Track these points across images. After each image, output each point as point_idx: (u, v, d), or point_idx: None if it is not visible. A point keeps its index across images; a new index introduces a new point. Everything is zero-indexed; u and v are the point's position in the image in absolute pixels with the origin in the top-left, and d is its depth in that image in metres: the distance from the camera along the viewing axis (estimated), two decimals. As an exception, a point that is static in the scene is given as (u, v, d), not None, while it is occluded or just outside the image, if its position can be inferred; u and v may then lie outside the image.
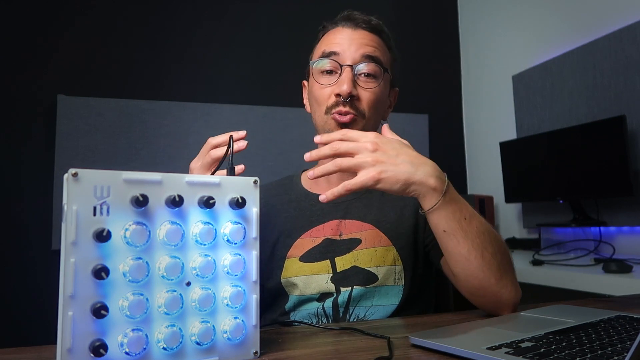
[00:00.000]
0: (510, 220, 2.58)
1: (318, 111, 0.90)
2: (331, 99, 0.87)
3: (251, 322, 0.54)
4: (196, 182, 0.53)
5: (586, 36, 2.11)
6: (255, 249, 0.56)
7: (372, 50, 0.87)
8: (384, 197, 0.93)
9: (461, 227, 0.68)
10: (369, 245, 0.88)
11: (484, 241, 0.70)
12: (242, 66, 2.50)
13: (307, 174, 0.65)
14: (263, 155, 2.41)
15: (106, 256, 0.47)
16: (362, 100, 0.86)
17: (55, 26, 2.24)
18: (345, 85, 0.84)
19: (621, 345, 0.53)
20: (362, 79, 0.87)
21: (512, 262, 0.76)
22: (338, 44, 0.87)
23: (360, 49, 0.86)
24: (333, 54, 0.87)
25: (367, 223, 0.90)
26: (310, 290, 0.85)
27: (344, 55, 0.86)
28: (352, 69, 0.85)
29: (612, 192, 1.84)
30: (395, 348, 0.57)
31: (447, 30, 3.00)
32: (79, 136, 2.16)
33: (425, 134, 2.73)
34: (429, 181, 0.66)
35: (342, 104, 0.85)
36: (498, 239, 0.73)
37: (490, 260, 0.70)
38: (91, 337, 0.46)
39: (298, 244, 0.89)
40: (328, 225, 0.90)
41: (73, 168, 0.47)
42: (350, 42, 0.87)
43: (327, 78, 0.88)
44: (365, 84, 0.86)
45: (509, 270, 0.74)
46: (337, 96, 0.85)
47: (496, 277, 0.71)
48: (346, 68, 0.85)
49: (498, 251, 0.72)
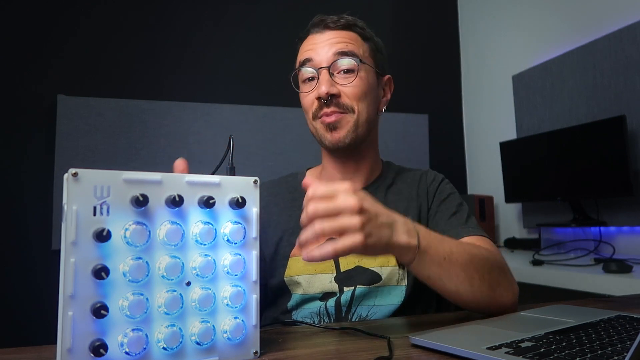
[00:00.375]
0: (510, 220, 2.58)
1: (308, 118, 0.92)
2: (315, 104, 0.88)
3: (251, 322, 0.54)
4: (196, 182, 0.53)
5: (586, 36, 2.11)
6: (255, 249, 0.56)
7: (344, 46, 0.88)
8: (387, 197, 0.94)
9: (443, 269, 0.66)
10: None
11: (469, 270, 0.69)
12: (242, 66, 2.50)
13: (302, 257, 0.58)
14: (263, 155, 2.42)
15: (106, 256, 0.47)
16: (345, 95, 0.87)
17: (56, 26, 2.24)
18: (322, 87, 0.85)
19: (621, 345, 0.53)
20: (340, 76, 0.87)
21: (503, 266, 0.76)
22: (310, 50, 0.89)
23: (331, 48, 0.87)
24: (307, 60, 0.89)
25: None
26: (314, 289, 0.85)
27: (318, 59, 0.88)
28: (328, 70, 0.87)
29: (612, 192, 1.84)
30: (395, 348, 0.57)
31: (447, 30, 3.00)
32: (79, 136, 2.16)
33: (425, 134, 2.73)
34: (404, 239, 0.62)
35: (325, 104, 0.86)
36: (483, 258, 0.72)
37: (480, 285, 0.69)
38: (91, 337, 0.46)
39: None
40: None
41: (73, 168, 0.47)
42: (322, 44, 0.88)
43: (308, 85, 0.90)
44: (344, 79, 0.87)
45: (502, 279, 0.74)
46: (319, 99, 0.87)
47: (490, 295, 0.71)
48: (322, 70, 0.87)
49: (486, 270, 0.71)
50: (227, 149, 0.74)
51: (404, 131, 2.64)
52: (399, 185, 0.96)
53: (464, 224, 0.88)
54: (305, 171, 1.02)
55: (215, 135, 2.36)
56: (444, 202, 0.92)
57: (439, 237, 0.68)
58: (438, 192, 0.94)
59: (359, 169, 0.94)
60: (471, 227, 0.86)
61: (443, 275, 0.67)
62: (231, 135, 0.74)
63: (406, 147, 2.63)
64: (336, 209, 0.58)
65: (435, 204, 0.93)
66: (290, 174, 1.02)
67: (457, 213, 0.90)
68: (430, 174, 0.98)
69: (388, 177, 0.97)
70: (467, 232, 0.85)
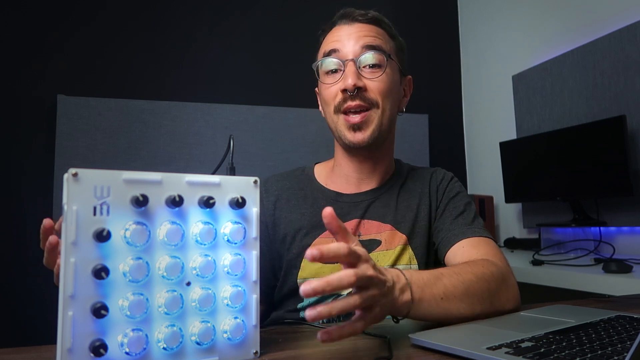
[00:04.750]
0: (510, 220, 2.58)
1: (328, 112, 0.89)
2: (338, 97, 0.85)
3: (251, 322, 0.54)
4: (196, 182, 0.53)
5: (586, 36, 2.11)
6: (256, 249, 0.56)
7: (372, 40, 0.86)
8: (399, 197, 0.93)
9: (442, 308, 0.64)
10: (388, 247, 0.88)
11: (469, 299, 0.67)
12: (242, 66, 2.50)
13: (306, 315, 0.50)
14: (263, 155, 2.41)
15: (106, 256, 0.47)
16: (370, 90, 0.85)
17: (56, 26, 2.24)
18: (349, 79, 0.82)
19: (621, 345, 0.53)
20: (367, 70, 0.85)
21: (503, 276, 0.74)
22: (337, 41, 0.87)
23: (359, 41, 0.85)
24: (333, 51, 0.86)
25: (386, 224, 0.90)
26: None
27: (345, 51, 0.85)
28: (355, 62, 0.84)
29: (612, 192, 1.84)
30: (395, 348, 0.57)
31: (447, 30, 3.00)
32: (79, 136, 2.16)
33: (425, 134, 2.73)
34: (401, 300, 0.60)
35: (350, 97, 0.83)
36: (481, 279, 0.70)
37: (482, 307, 0.68)
38: (91, 337, 0.46)
39: (317, 244, 0.88)
40: (347, 225, 0.88)
41: (73, 168, 0.47)
42: (349, 36, 0.86)
43: (332, 77, 0.87)
44: (370, 74, 0.85)
45: (503, 292, 0.72)
46: (344, 92, 0.84)
47: (492, 310, 0.70)
48: (348, 62, 0.84)
49: (485, 291, 0.69)
50: (227, 149, 0.74)
51: (404, 131, 2.64)
52: (409, 184, 0.96)
53: (469, 224, 0.87)
54: (313, 166, 1.00)
55: (215, 135, 2.36)
56: (452, 201, 0.92)
57: (431, 278, 0.65)
58: (447, 190, 0.94)
59: (376, 169, 0.93)
60: (476, 228, 0.86)
61: (443, 313, 0.65)
62: (231, 135, 0.74)
63: (406, 147, 2.63)
64: (363, 281, 0.53)
65: (443, 202, 0.93)
66: (298, 168, 1.00)
67: (464, 212, 0.90)
68: (440, 173, 0.98)
69: (401, 176, 0.97)
70: (473, 233, 0.85)
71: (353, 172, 0.93)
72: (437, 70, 2.91)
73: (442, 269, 0.70)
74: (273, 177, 0.98)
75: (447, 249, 0.85)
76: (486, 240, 0.84)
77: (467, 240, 0.84)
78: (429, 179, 0.96)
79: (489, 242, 0.84)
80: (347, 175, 0.93)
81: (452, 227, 0.87)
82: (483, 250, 0.82)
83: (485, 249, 0.82)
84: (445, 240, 0.87)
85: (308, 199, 0.93)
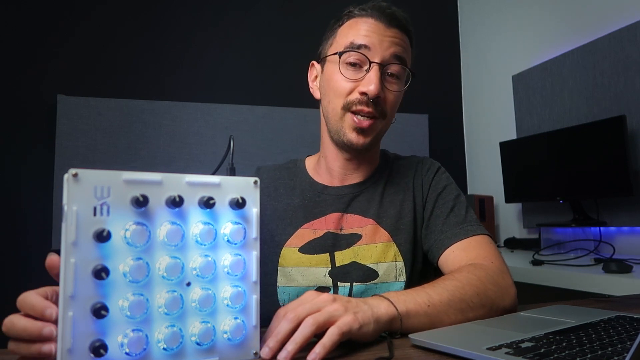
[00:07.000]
0: (510, 220, 2.58)
1: (334, 102, 0.85)
2: (354, 95, 0.83)
3: (251, 322, 0.54)
4: (196, 183, 0.53)
5: (586, 36, 2.11)
6: (256, 249, 0.56)
7: (402, 51, 0.84)
8: (385, 191, 0.93)
9: (430, 315, 0.64)
10: (369, 241, 0.88)
11: (458, 304, 0.67)
12: (242, 66, 2.50)
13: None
14: (263, 155, 2.41)
15: (106, 256, 0.47)
16: (385, 101, 0.84)
17: (56, 26, 2.24)
18: (373, 86, 0.80)
19: (621, 345, 0.53)
20: (387, 79, 0.84)
21: (493, 276, 0.74)
22: (369, 37, 0.83)
23: (391, 48, 0.83)
24: (364, 47, 0.82)
25: (368, 218, 0.90)
26: (307, 282, 0.85)
27: (374, 51, 0.82)
28: (380, 68, 0.82)
29: (612, 192, 1.84)
30: (395, 348, 0.57)
31: (447, 30, 3.00)
32: (79, 136, 2.16)
33: (425, 134, 2.73)
34: (383, 309, 0.61)
35: (366, 103, 0.82)
36: (467, 285, 0.70)
37: (473, 310, 0.68)
38: (91, 337, 0.46)
39: (299, 234, 0.89)
40: (330, 218, 0.89)
41: (73, 168, 0.47)
42: (382, 38, 0.83)
43: (352, 71, 0.83)
44: (390, 85, 0.84)
45: (494, 292, 0.72)
46: (363, 94, 0.82)
47: (485, 311, 0.70)
48: (375, 66, 0.82)
49: (476, 296, 0.69)
50: (227, 149, 0.74)
51: (404, 131, 2.64)
52: (395, 177, 0.95)
53: (462, 222, 0.86)
54: (305, 159, 1.01)
55: (215, 135, 2.36)
56: (440, 196, 0.91)
57: (411, 291, 0.66)
58: (433, 183, 0.93)
59: (361, 165, 0.93)
60: (468, 226, 0.85)
61: (434, 321, 0.65)
62: (231, 136, 0.74)
63: (406, 147, 2.63)
64: (315, 306, 0.57)
65: (431, 198, 0.91)
66: (291, 160, 1.01)
67: (454, 208, 0.89)
68: (426, 163, 0.96)
69: (387, 168, 0.96)
70: (465, 234, 0.84)
71: (339, 167, 0.93)
72: (437, 70, 2.91)
73: (422, 285, 0.70)
74: (266, 167, 1.00)
75: (439, 253, 0.85)
76: (478, 240, 0.83)
77: (457, 244, 0.83)
78: (414, 171, 0.95)
79: (480, 240, 0.83)
80: (332, 169, 0.93)
81: (445, 229, 0.86)
82: (474, 252, 0.81)
83: (476, 251, 0.81)
84: (437, 244, 0.86)
85: (296, 190, 0.94)
